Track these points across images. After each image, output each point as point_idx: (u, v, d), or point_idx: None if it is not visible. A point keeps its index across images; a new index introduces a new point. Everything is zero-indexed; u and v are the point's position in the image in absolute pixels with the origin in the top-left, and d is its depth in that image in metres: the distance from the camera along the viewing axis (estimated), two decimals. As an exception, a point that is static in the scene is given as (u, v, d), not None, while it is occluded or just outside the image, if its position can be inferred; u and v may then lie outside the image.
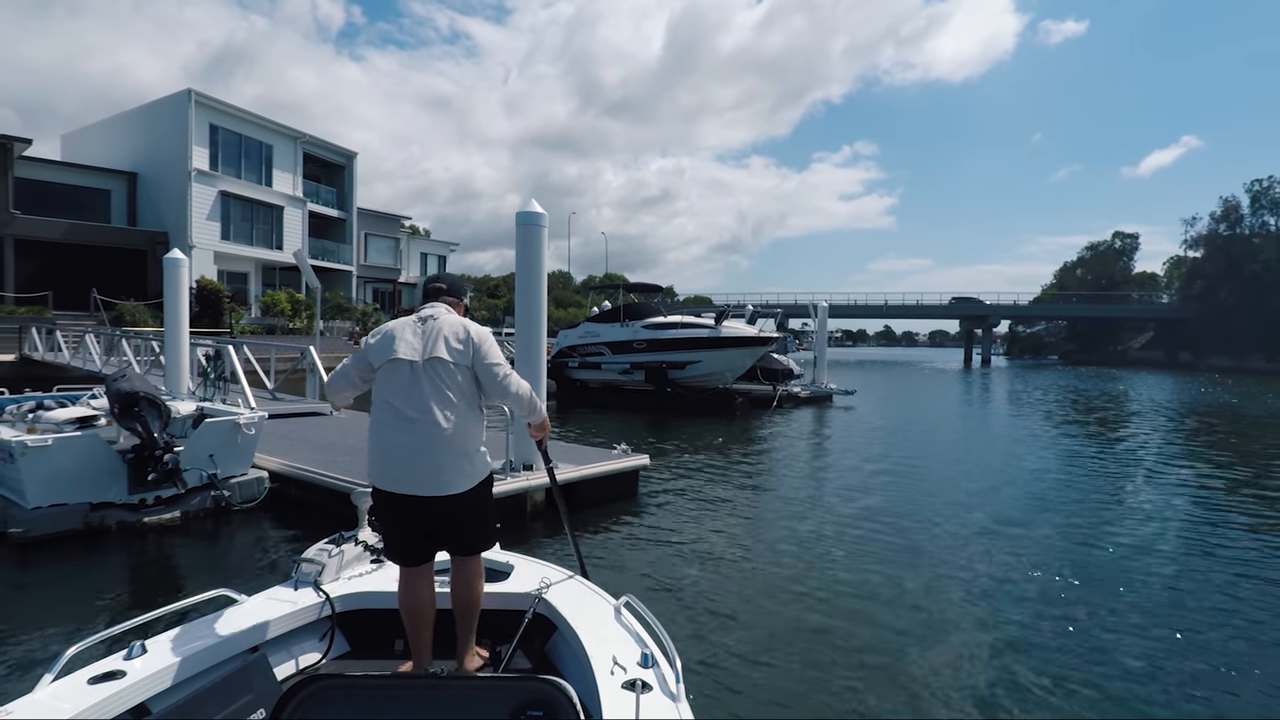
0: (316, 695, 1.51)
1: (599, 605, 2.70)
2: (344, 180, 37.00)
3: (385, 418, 2.45)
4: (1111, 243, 77.63)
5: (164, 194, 28.34)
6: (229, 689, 2.09)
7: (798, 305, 49.48)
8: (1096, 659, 3.78)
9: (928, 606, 4.48)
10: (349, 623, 2.84)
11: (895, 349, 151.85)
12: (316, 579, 2.85)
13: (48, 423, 5.89)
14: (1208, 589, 4.93)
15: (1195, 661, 3.79)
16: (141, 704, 2.05)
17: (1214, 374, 43.29)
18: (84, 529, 5.51)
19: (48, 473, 5.35)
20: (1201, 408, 20.25)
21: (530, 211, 6.08)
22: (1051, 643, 3.97)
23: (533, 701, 1.55)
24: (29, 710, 1.84)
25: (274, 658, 2.51)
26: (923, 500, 7.54)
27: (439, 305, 2.67)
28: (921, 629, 4.12)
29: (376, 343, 2.55)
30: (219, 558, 5.46)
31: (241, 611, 2.57)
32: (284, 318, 28.48)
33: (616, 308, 18.95)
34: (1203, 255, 61.65)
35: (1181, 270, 66.23)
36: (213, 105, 28.70)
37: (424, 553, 2.55)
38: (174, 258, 8.95)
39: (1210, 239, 60.93)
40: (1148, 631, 4.17)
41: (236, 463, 6.40)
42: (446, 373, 2.46)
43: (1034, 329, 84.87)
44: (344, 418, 10.21)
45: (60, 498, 5.45)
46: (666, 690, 1.99)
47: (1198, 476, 9.33)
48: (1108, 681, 3.52)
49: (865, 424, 15.16)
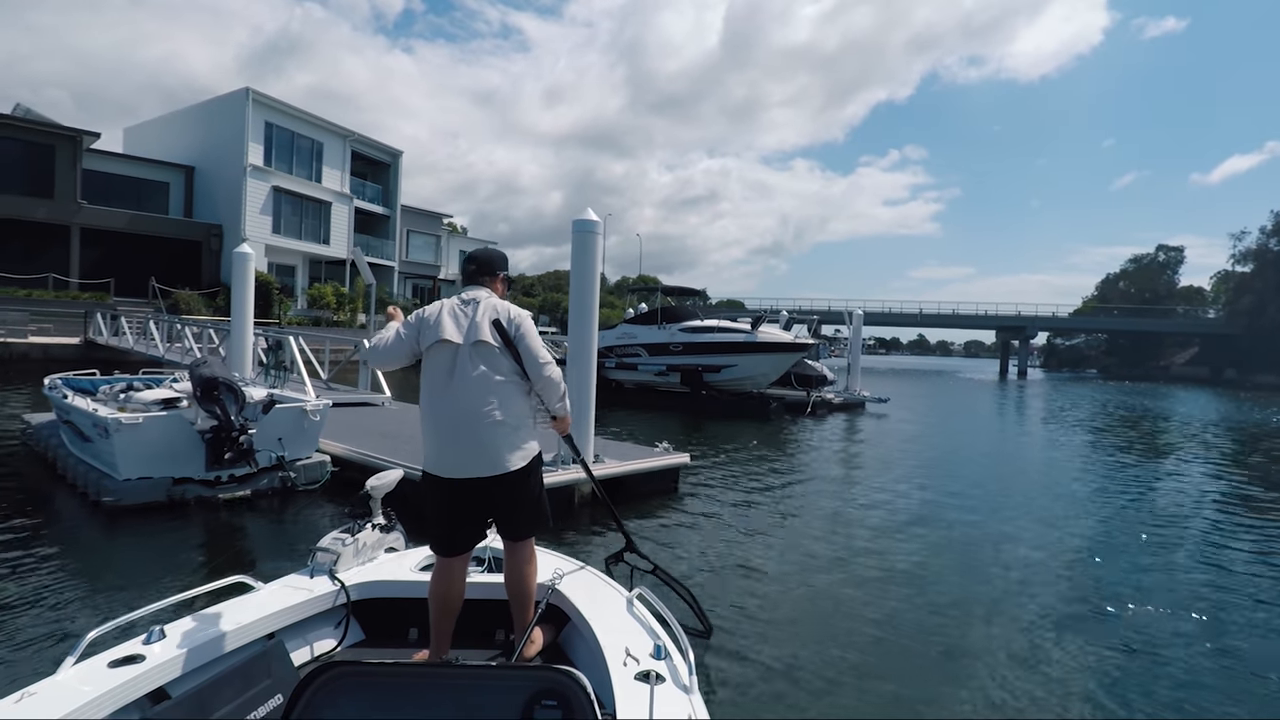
0: (334, 682, 1.51)
1: (611, 596, 2.73)
2: (389, 178, 37.90)
3: (434, 402, 2.52)
4: (1155, 255, 75.71)
5: (220, 188, 29.45)
6: (247, 675, 2.12)
7: (832, 311, 49.26)
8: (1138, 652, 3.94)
9: (953, 614, 4.53)
10: (363, 611, 2.88)
11: (929, 358, 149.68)
12: (332, 567, 2.90)
13: (137, 403, 6.35)
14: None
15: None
16: (160, 688, 2.09)
17: (1259, 391, 42.03)
18: (166, 501, 5.94)
19: (137, 448, 5.80)
20: (1252, 427, 19.81)
21: (586, 220, 6.38)
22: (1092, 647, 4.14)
23: (547, 691, 1.54)
24: (51, 692, 1.87)
25: (290, 644, 2.55)
26: (954, 511, 7.67)
27: (480, 290, 2.69)
28: (945, 635, 4.19)
29: (422, 323, 2.58)
30: (284, 533, 5.85)
31: (258, 598, 2.63)
32: (329, 310, 29.35)
33: (654, 310, 19.18)
34: (1252, 270, 59.82)
35: (1229, 285, 64.32)
36: (269, 104, 29.72)
37: (467, 542, 2.61)
38: (242, 251, 9.44)
39: (1260, 253, 59.12)
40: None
41: (303, 446, 6.81)
42: (490, 355, 2.51)
43: (1073, 341, 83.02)
44: (396, 409, 10.65)
45: (147, 471, 5.90)
46: (679, 682, 2.01)
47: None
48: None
49: (899, 432, 15.20)
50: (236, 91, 29.04)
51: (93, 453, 6.30)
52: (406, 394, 15.62)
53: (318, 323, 27.95)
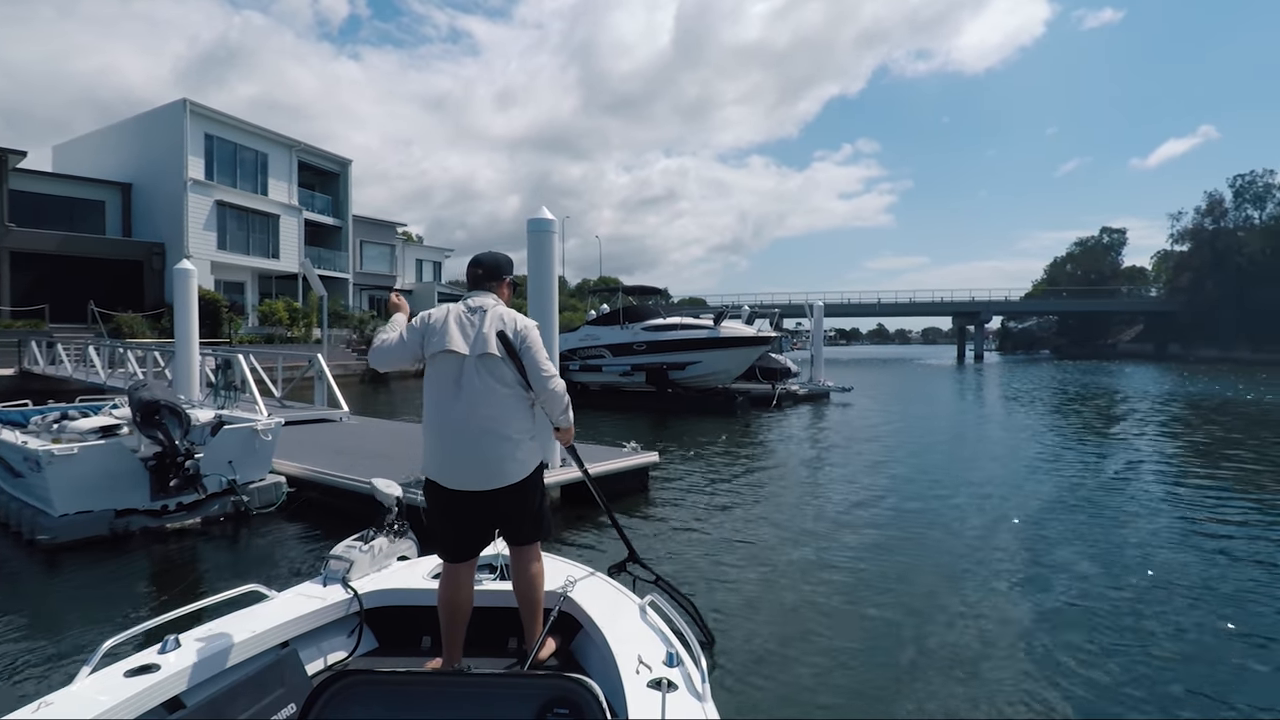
0: (347, 691, 1.53)
1: (623, 603, 2.72)
2: (339, 188, 37.05)
3: (439, 413, 2.50)
4: (1100, 238, 78.36)
5: (159, 204, 28.33)
6: (261, 684, 2.13)
7: (792, 305, 49.73)
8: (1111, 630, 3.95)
9: (943, 594, 4.61)
10: (376, 619, 2.88)
11: (888, 346, 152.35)
12: (345, 576, 2.90)
13: (72, 432, 5.98)
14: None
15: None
16: (175, 697, 2.10)
17: (1200, 365, 43.76)
18: (109, 535, 5.61)
19: (73, 481, 5.46)
20: (1186, 398, 20.54)
21: (541, 218, 6.23)
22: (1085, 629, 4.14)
23: (559, 699, 1.55)
24: (68, 702, 1.90)
25: (303, 653, 2.54)
26: (927, 491, 7.71)
27: (486, 296, 2.66)
28: (939, 617, 4.23)
29: (428, 329, 2.55)
30: (239, 560, 5.57)
31: (272, 607, 2.63)
32: (282, 326, 28.52)
33: (616, 310, 19.10)
34: (1189, 249, 62.29)
35: (1169, 264, 66.89)
36: (208, 115, 28.73)
37: (473, 549, 2.60)
38: (183, 268, 9.05)
39: (1196, 233, 61.59)
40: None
41: (255, 468, 6.52)
42: (496, 367, 2.50)
43: (1025, 324, 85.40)
44: (354, 424, 10.33)
45: (85, 505, 5.55)
46: (692, 689, 2.00)
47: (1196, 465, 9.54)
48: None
49: (864, 420, 15.34)
50: (173, 103, 27.98)
51: (25, 488, 5.92)
52: (365, 408, 15.25)
53: (270, 339, 27.13)
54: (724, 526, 6.33)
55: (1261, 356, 49.16)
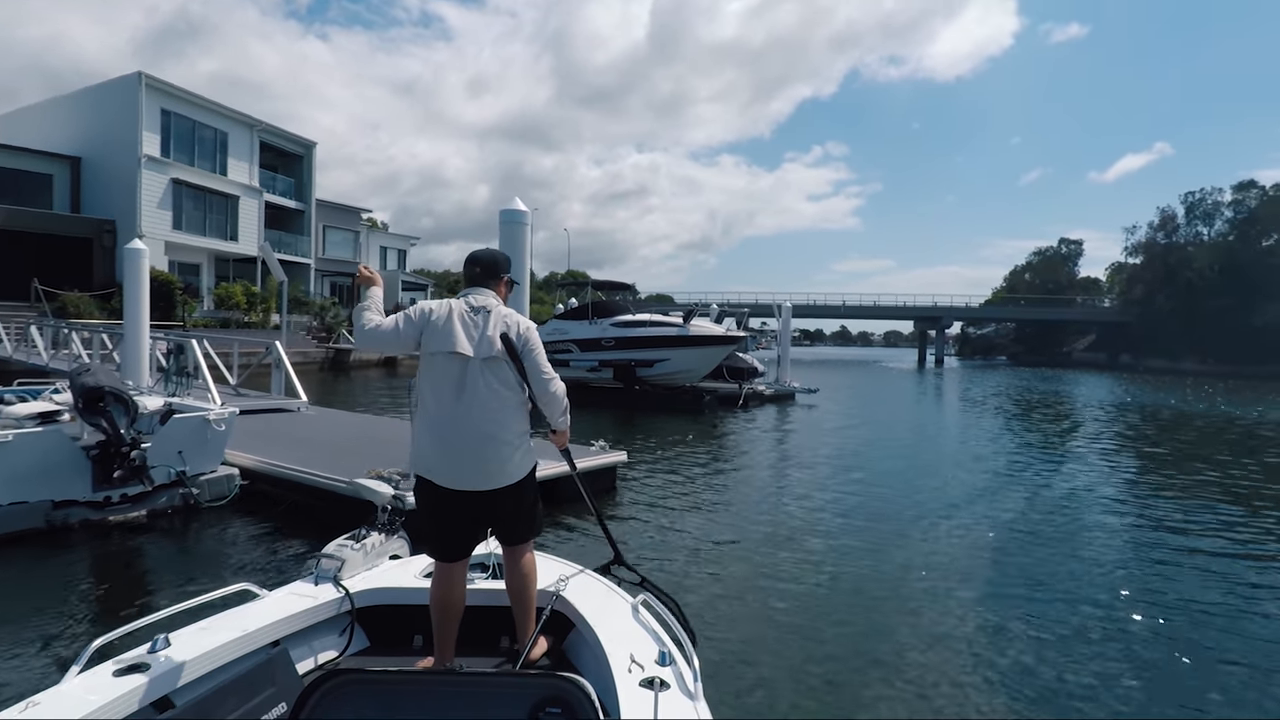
0: (338, 690, 1.52)
1: (616, 602, 2.72)
2: (302, 170, 36.09)
3: (438, 412, 2.48)
4: (1059, 248, 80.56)
5: (111, 181, 27.18)
6: (252, 683, 2.10)
7: (759, 305, 50.07)
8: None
9: (913, 587, 4.68)
10: (368, 618, 2.86)
11: (851, 348, 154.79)
12: (336, 574, 2.88)
13: (7, 418, 5.66)
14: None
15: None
16: (165, 696, 2.07)
17: (1149, 375, 45.30)
18: (45, 528, 5.31)
19: (7, 469, 5.14)
20: (1121, 406, 21.19)
21: (514, 209, 6.05)
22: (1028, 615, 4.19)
23: (552, 699, 1.55)
24: (56, 701, 1.88)
25: (294, 652, 2.51)
26: (892, 491, 7.76)
27: (488, 294, 2.64)
28: (908, 610, 4.30)
29: (429, 325, 2.50)
30: (187, 556, 5.33)
31: (263, 606, 2.60)
32: (239, 311, 27.66)
33: (585, 305, 18.93)
34: (1142, 262, 64.41)
35: (1123, 276, 69.07)
36: (165, 89, 27.66)
37: (465, 548, 2.59)
38: (134, 248, 8.65)
39: (1149, 247, 63.75)
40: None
41: (206, 459, 6.23)
42: (499, 370, 2.51)
43: (984, 330, 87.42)
44: (313, 414, 10.02)
45: (20, 495, 5.24)
46: (685, 689, 2.00)
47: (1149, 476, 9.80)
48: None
49: (830, 422, 15.47)
50: (128, 76, 26.87)
51: (-46, 477, 5.56)
52: (325, 398, 14.86)
53: (226, 324, 26.30)
54: (694, 527, 6.27)
55: (1207, 368, 51.10)
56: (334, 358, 27.95)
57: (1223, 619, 4.49)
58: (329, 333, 29.23)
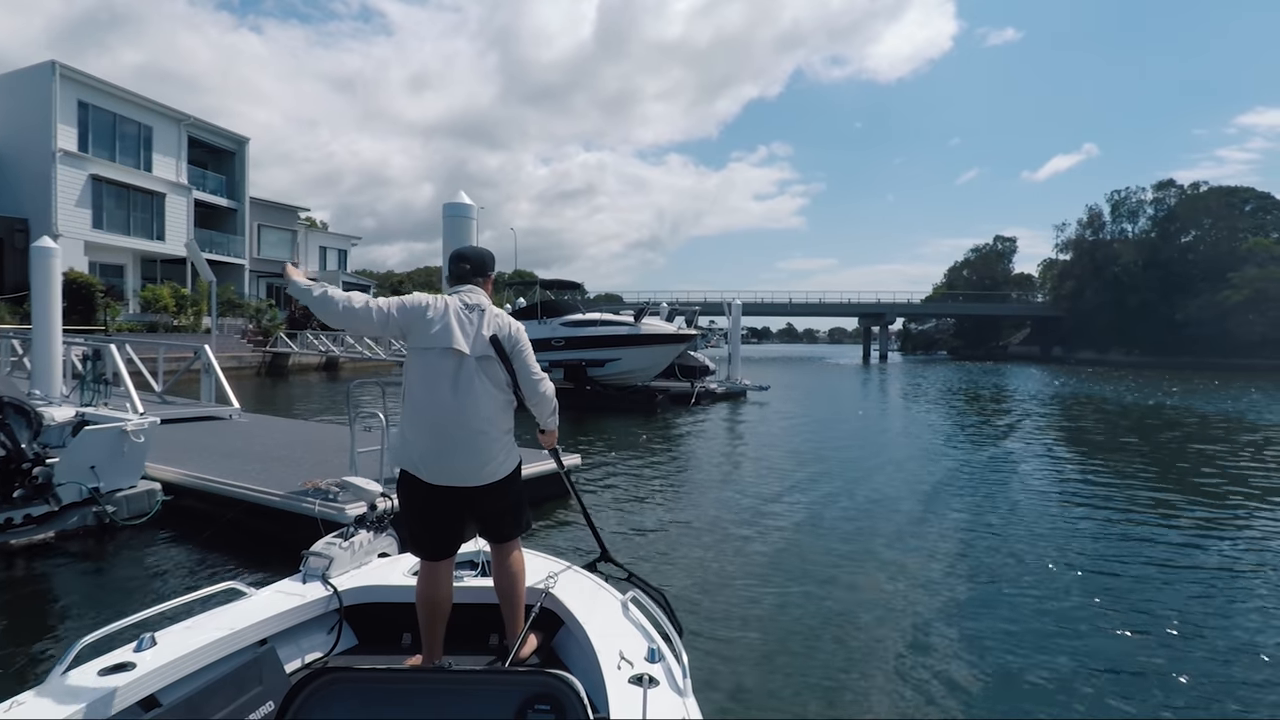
0: (325, 688, 1.51)
1: (604, 599, 2.73)
2: (235, 167, 34.53)
3: (431, 408, 2.46)
4: (994, 245, 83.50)
5: (22, 176, 25.45)
6: (238, 681, 2.09)
7: (708, 303, 50.40)
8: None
9: (871, 572, 4.64)
10: (356, 616, 2.86)
11: (797, 345, 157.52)
12: (324, 572, 2.87)
13: (-110, 434, 5.10)
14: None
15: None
16: (151, 695, 2.05)
17: (1079, 367, 47.31)
18: (-63, 554, 4.82)
19: (-109, 491, 4.65)
20: (1048, 396, 22.04)
21: (459, 203, 5.79)
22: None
23: (540, 696, 1.54)
24: (41, 700, 1.86)
25: (282, 651, 2.50)
26: (851, 485, 7.76)
27: (479, 293, 2.65)
28: (872, 594, 4.25)
29: (423, 320, 2.49)
30: (102, 579, 4.92)
31: (250, 605, 2.59)
32: (167, 314, 26.27)
33: (534, 305, 18.59)
34: (1071, 258, 67.25)
35: (1054, 272, 72.03)
36: (82, 80, 26.05)
37: (451, 546, 2.58)
38: (43, 246, 7.97)
39: (1078, 243, 66.61)
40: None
41: (123, 474, 5.76)
42: (492, 369, 2.53)
43: (925, 326, 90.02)
44: (245, 422, 9.49)
45: (-93, 519, 4.75)
46: (673, 685, 2.00)
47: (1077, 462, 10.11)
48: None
49: (782, 419, 15.54)
50: (40, 65, 25.18)
51: None
52: (260, 404, 14.18)
53: (154, 328, 24.96)
54: (652, 527, 6.14)
55: (1133, 359, 53.70)
56: (271, 362, 26.86)
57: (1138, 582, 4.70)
58: (265, 336, 28.06)
